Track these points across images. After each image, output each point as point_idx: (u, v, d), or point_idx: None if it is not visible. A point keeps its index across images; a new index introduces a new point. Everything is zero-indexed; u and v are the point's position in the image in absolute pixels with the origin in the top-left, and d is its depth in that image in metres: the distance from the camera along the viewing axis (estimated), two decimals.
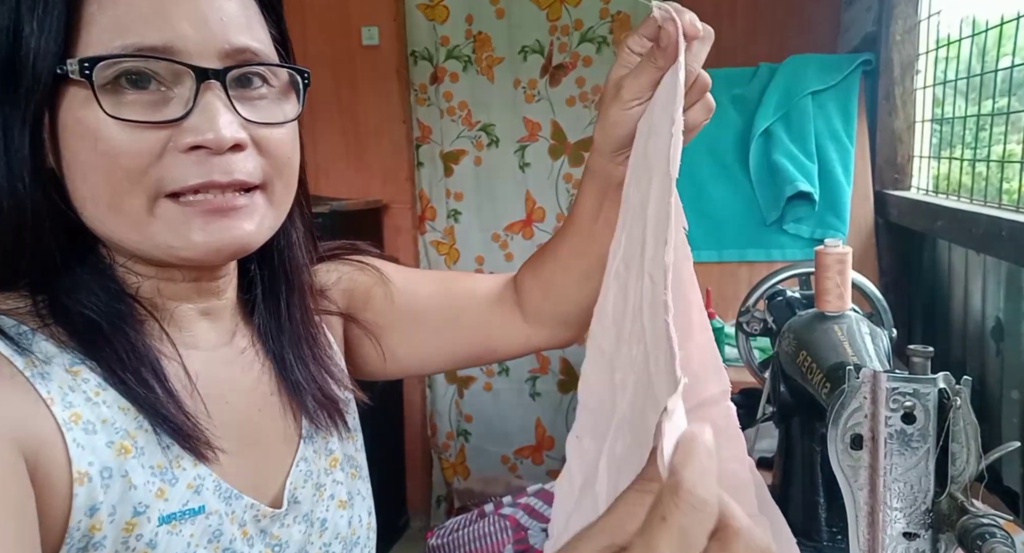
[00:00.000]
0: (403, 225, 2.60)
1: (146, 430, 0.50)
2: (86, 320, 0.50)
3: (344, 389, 0.68)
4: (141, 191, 0.49)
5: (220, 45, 0.50)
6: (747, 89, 1.86)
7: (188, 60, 0.48)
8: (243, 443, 0.57)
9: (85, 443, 0.47)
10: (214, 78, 0.49)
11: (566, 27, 2.43)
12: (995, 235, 1.12)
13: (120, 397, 0.50)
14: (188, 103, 0.49)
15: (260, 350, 0.62)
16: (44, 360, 0.48)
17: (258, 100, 0.53)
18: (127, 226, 0.50)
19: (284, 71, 0.55)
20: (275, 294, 0.63)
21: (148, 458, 0.50)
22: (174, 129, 0.49)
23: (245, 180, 0.51)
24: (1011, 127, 1.28)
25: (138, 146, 0.48)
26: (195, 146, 0.49)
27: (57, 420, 0.46)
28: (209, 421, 0.54)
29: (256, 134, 0.52)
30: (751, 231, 1.79)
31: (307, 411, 0.63)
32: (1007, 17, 1.24)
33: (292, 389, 0.62)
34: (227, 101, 0.50)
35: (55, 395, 0.47)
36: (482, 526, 1.45)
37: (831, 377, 0.68)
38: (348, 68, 2.51)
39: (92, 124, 0.48)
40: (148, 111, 0.48)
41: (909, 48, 1.70)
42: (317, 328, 0.67)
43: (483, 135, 2.53)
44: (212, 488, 0.53)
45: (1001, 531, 0.44)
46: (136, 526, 0.49)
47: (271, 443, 0.60)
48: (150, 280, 0.54)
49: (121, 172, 0.48)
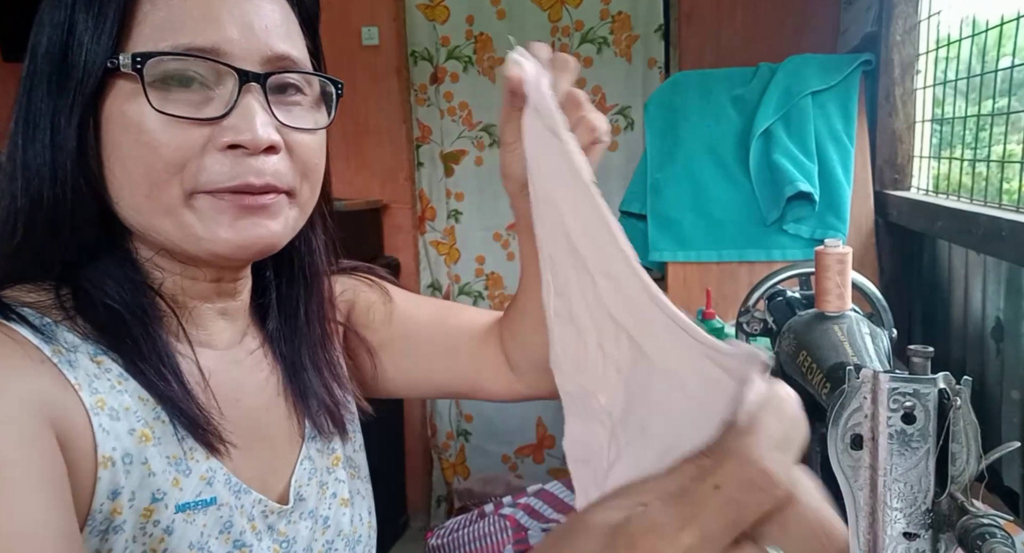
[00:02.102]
0: (403, 225, 2.60)
1: (163, 421, 0.52)
2: (109, 312, 0.52)
3: (347, 393, 0.69)
4: (178, 183, 0.51)
5: (263, 51, 0.52)
6: (747, 89, 1.86)
7: (233, 62, 0.51)
8: (251, 440, 0.58)
9: (110, 429, 0.48)
10: (255, 81, 0.51)
11: (567, 28, 2.43)
12: (995, 235, 1.12)
13: (140, 388, 0.51)
14: (229, 103, 0.51)
15: (269, 352, 0.64)
16: (70, 349, 0.49)
17: (293, 107, 0.55)
18: (162, 214, 0.52)
19: (317, 82, 0.57)
20: (293, 300, 0.65)
21: (165, 448, 0.51)
22: (214, 128, 0.51)
23: (276, 184, 0.53)
24: (1011, 127, 1.28)
25: (179, 141, 0.50)
26: (233, 145, 0.51)
27: (85, 405, 0.47)
28: (221, 417, 0.55)
29: (289, 138, 0.54)
30: (751, 231, 1.78)
31: (311, 413, 0.64)
32: (1007, 17, 1.24)
33: (300, 392, 0.63)
34: (265, 104, 0.52)
35: (82, 381, 0.48)
36: (482, 526, 1.45)
37: (831, 377, 0.68)
38: (348, 68, 2.51)
39: (137, 117, 0.50)
40: (191, 109, 0.50)
41: (909, 48, 1.70)
42: (332, 335, 0.68)
43: (484, 135, 2.53)
44: (223, 481, 0.54)
45: (1001, 531, 0.44)
46: (154, 512, 0.50)
47: (277, 441, 0.61)
48: (174, 277, 0.56)
49: (161, 164, 0.50)
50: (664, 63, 2.41)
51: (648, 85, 2.38)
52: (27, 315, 0.49)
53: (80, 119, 0.50)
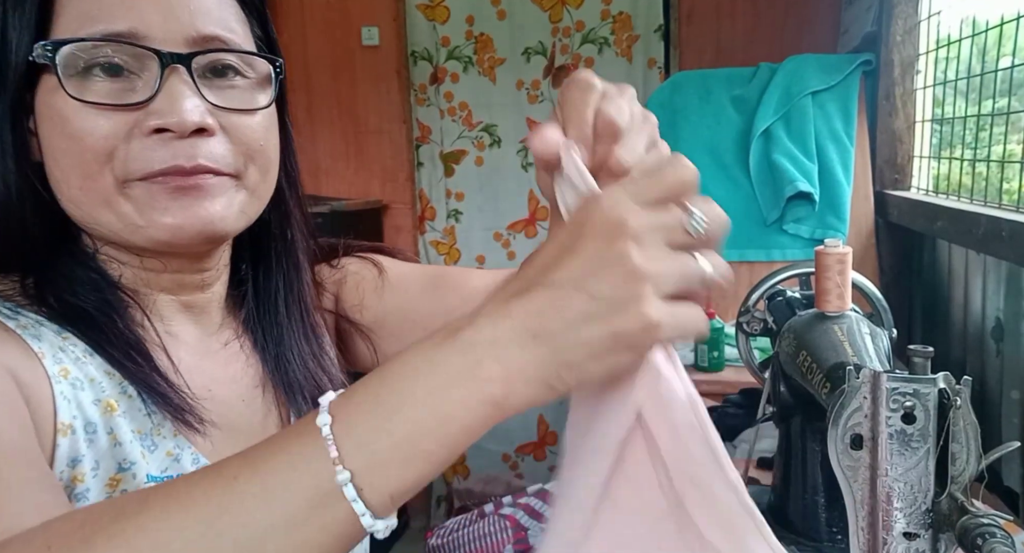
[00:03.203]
0: (403, 225, 2.60)
1: (129, 396, 0.51)
2: (72, 308, 0.51)
3: (337, 386, 0.68)
4: (109, 172, 0.50)
5: (187, 32, 0.51)
6: (747, 89, 1.86)
7: (153, 45, 0.50)
8: (227, 430, 0.57)
9: (71, 397, 0.48)
10: (178, 62, 0.50)
11: (568, 29, 2.43)
12: (995, 235, 1.12)
13: (105, 363, 0.51)
14: (153, 87, 0.50)
15: (247, 344, 0.63)
16: (35, 324, 0.49)
17: (229, 89, 0.54)
18: (99, 205, 0.51)
19: (262, 65, 0.56)
20: (271, 293, 0.64)
21: (131, 421, 0.51)
22: (139, 113, 0.50)
23: (210, 165, 0.52)
24: (1011, 127, 1.28)
25: (103, 129, 0.49)
26: (159, 129, 0.50)
27: (48, 372, 0.47)
28: (195, 399, 0.54)
29: (226, 121, 0.53)
30: (751, 231, 1.79)
31: (297, 408, 0.63)
32: (1007, 17, 1.24)
33: (286, 386, 0.62)
34: (193, 86, 0.51)
35: (46, 351, 0.48)
36: (482, 526, 1.45)
37: (831, 377, 0.68)
38: (348, 68, 2.51)
39: (60, 108, 0.49)
40: (114, 97, 0.50)
41: (909, 48, 1.70)
42: (318, 327, 0.67)
43: (485, 135, 2.53)
44: (190, 460, 0.54)
45: (1001, 531, 0.44)
46: (121, 482, 0.50)
47: (256, 434, 0.60)
48: (132, 269, 0.55)
49: (89, 154, 0.49)
50: (664, 63, 2.41)
51: (648, 85, 2.38)
52: None
53: (12, 116, 0.50)
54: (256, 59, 0.55)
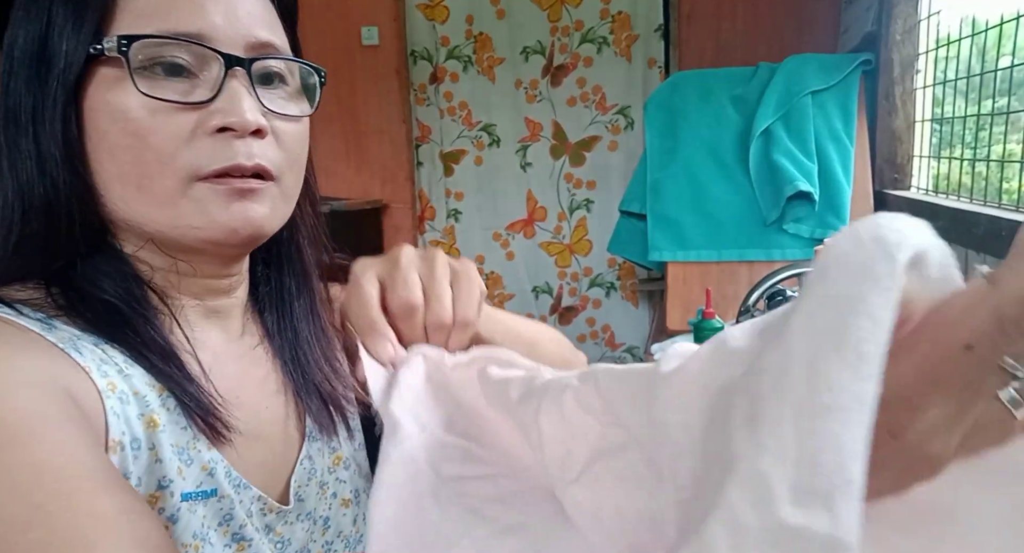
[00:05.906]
0: (403, 225, 2.60)
1: (168, 409, 0.51)
2: (106, 306, 0.51)
3: (347, 389, 0.68)
4: (172, 173, 0.50)
5: (247, 38, 0.52)
6: (747, 89, 1.86)
7: (218, 47, 0.50)
8: (251, 437, 0.58)
9: (120, 412, 0.47)
10: (240, 65, 0.51)
11: (567, 28, 2.43)
12: (995, 235, 1.12)
13: (146, 374, 0.50)
14: (215, 88, 0.50)
15: (269, 349, 0.63)
16: (72, 337, 0.48)
17: (275, 97, 0.55)
18: (155, 206, 0.51)
19: (298, 74, 0.57)
20: (285, 296, 0.64)
21: (170, 436, 0.50)
22: (201, 113, 0.50)
23: (266, 166, 0.53)
24: (1011, 127, 1.28)
25: (167, 128, 0.49)
26: (222, 128, 0.50)
27: (97, 387, 0.46)
28: (226, 405, 0.54)
29: (274, 125, 0.54)
30: (751, 231, 1.79)
31: (311, 411, 0.63)
32: (1007, 17, 1.24)
33: (300, 389, 0.63)
34: (251, 88, 0.52)
35: (91, 365, 0.47)
36: None
37: None
38: (348, 68, 2.51)
39: (123, 105, 0.49)
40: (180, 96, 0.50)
41: (909, 48, 1.70)
42: (328, 331, 0.67)
43: (484, 135, 2.53)
44: (223, 473, 0.54)
45: None
46: (159, 499, 0.49)
47: (277, 440, 0.61)
48: (161, 273, 0.55)
49: (151, 153, 0.49)
50: (664, 63, 2.41)
51: (648, 85, 2.38)
52: (23, 310, 0.48)
53: (63, 111, 0.49)
54: (296, 67, 0.57)
